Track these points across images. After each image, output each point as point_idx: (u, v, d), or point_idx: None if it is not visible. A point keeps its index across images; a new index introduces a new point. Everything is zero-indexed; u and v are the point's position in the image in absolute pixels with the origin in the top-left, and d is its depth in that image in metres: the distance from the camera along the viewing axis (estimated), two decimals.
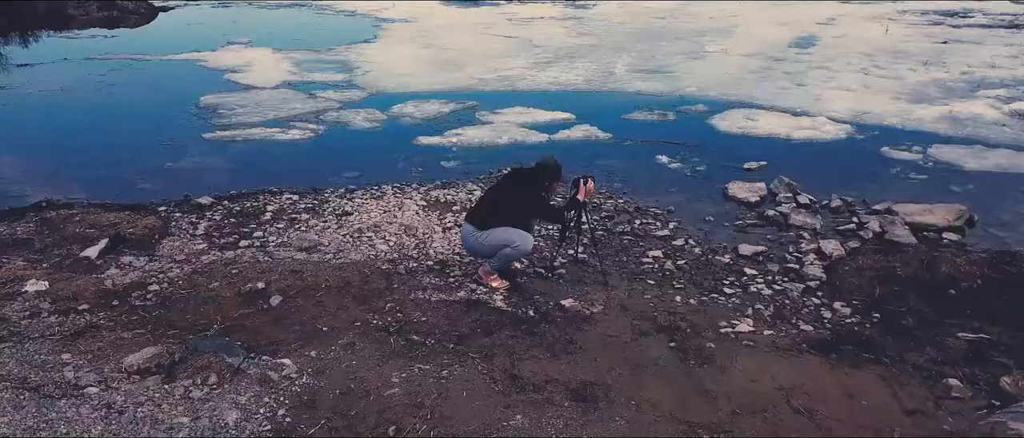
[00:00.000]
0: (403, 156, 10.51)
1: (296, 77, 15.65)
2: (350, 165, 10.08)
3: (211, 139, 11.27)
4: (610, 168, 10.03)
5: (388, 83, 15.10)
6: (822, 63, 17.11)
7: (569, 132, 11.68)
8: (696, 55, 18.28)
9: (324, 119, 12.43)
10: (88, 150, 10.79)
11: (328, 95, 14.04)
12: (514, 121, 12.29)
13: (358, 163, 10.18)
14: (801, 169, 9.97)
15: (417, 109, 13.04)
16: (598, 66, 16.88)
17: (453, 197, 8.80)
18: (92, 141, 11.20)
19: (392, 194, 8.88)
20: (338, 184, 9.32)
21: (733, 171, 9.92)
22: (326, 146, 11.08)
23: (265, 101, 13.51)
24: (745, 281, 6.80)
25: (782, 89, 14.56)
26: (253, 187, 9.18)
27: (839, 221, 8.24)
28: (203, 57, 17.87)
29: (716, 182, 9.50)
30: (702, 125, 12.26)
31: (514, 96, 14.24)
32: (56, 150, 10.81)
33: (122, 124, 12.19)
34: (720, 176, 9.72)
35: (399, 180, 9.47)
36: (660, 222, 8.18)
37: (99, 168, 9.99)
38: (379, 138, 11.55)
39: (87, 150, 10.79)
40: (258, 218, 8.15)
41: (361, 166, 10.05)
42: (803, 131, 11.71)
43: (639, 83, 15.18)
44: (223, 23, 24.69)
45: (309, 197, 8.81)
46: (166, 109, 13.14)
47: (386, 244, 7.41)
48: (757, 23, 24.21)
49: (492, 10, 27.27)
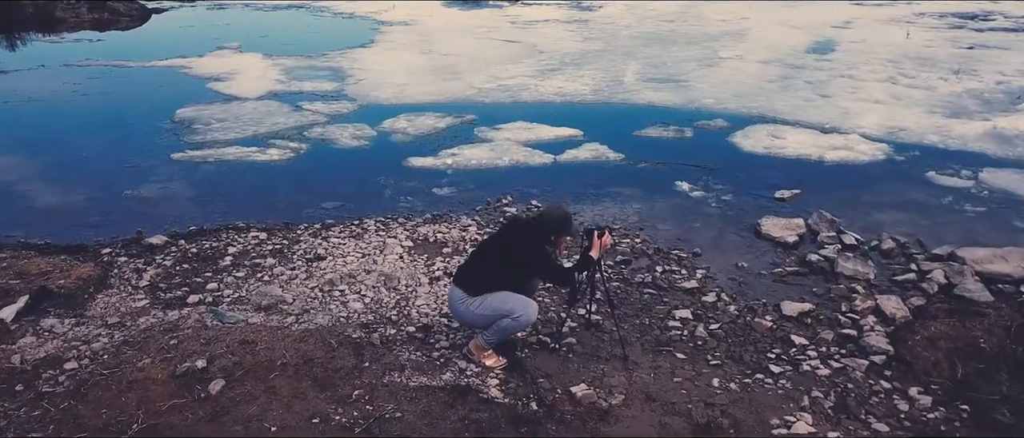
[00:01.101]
0: (391, 182, 9.20)
1: (283, 86, 14.34)
2: (330, 193, 8.77)
3: (180, 160, 9.97)
4: (624, 197, 8.70)
5: (381, 93, 13.78)
6: (845, 71, 15.73)
7: (576, 152, 10.35)
8: (709, 62, 16.92)
9: (308, 136, 11.11)
10: (38, 174, 9.49)
11: (315, 107, 12.73)
12: (516, 138, 10.97)
13: (340, 190, 8.87)
14: (840, 199, 8.64)
15: (410, 124, 11.72)
16: (606, 74, 15.53)
17: (444, 235, 7.48)
18: (45, 162, 9.89)
19: (374, 231, 7.56)
20: (314, 217, 8.01)
21: (763, 201, 8.59)
22: (306, 169, 9.77)
23: (246, 114, 12.20)
24: (795, 354, 5.48)
25: (806, 101, 13.20)
26: (217, 222, 7.89)
27: (894, 268, 6.90)
28: (188, 63, 16.57)
29: (746, 215, 8.16)
30: (723, 143, 10.91)
31: (516, 108, 12.91)
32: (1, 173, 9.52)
33: (85, 141, 10.89)
34: (749, 208, 8.39)
35: (384, 212, 8.16)
36: (685, 269, 6.84)
37: (46, 196, 8.69)
38: (366, 159, 10.23)
39: (37, 174, 9.48)
40: (216, 263, 6.84)
41: (343, 194, 8.74)
42: (836, 152, 10.36)
43: (651, 93, 13.83)
44: (216, 26, 23.38)
45: (279, 235, 7.50)
46: (137, 123, 11.84)
47: (361, 302, 6.10)
48: (769, 26, 22.82)
49: (494, 12, 25.91)
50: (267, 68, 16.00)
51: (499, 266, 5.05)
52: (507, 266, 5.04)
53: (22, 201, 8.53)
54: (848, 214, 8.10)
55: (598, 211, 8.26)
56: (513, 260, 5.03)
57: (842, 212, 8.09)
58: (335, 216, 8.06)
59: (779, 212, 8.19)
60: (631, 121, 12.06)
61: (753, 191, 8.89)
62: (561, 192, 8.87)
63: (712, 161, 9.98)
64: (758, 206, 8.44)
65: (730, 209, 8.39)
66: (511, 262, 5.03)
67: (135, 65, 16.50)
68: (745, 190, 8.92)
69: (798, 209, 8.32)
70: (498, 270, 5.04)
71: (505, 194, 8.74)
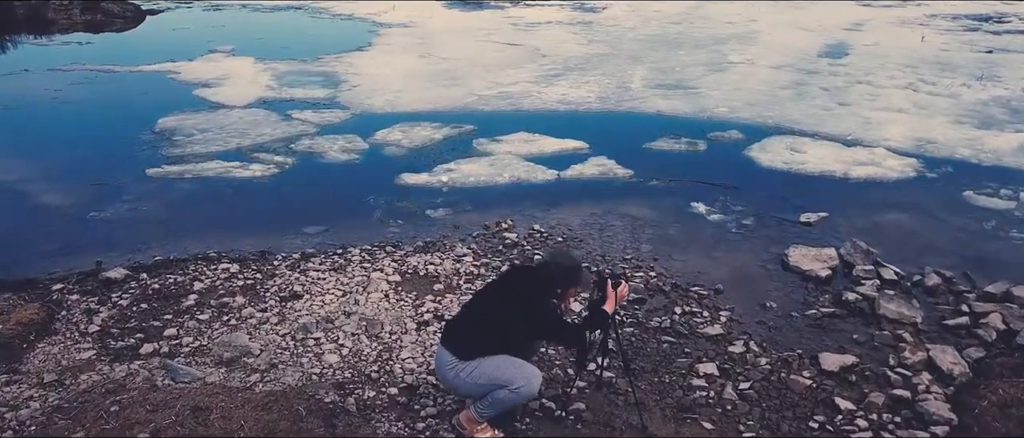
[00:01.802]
0: (381, 202, 8.35)
1: (273, 93, 13.48)
2: (314, 216, 7.92)
3: (155, 177, 9.13)
4: (634, 221, 7.84)
5: (375, 101, 12.92)
6: (862, 77, 14.83)
7: (582, 167, 9.49)
8: (719, 66, 16.03)
9: (295, 149, 10.26)
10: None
11: (305, 116, 11.87)
12: (517, 152, 10.11)
13: (324, 213, 8.02)
14: (871, 223, 7.79)
15: (404, 135, 10.86)
16: (612, 80, 14.66)
17: (436, 267, 6.63)
18: (7, 179, 9.05)
19: (359, 263, 6.72)
20: (293, 246, 7.17)
21: (788, 226, 7.73)
22: (289, 188, 8.92)
23: (232, 124, 11.36)
24: (841, 423, 4.62)
25: (824, 110, 12.32)
26: (186, 251, 7.04)
27: (943, 310, 6.04)
28: (177, 68, 15.72)
29: (770, 243, 7.30)
30: (739, 158, 10.04)
31: (518, 117, 12.04)
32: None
33: (56, 155, 10.07)
34: (773, 233, 7.53)
35: (372, 239, 7.32)
36: (708, 311, 5.99)
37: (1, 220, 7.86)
38: (355, 176, 9.37)
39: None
40: (178, 303, 6.00)
41: (327, 217, 7.90)
42: (862, 168, 9.49)
43: (659, 101, 12.96)
44: (211, 28, 22.52)
45: (252, 267, 6.66)
46: (115, 135, 11.01)
47: (338, 353, 5.26)
48: (778, 28, 21.89)
49: (496, 14, 25.00)
50: (258, 73, 15.15)
51: (495, 325, 4.20)
52: (505, 325, 4.19)
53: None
54: (883, 242, 7.24)
55: (607, 238, 7.41)
56: (512, 318, 4.18)
57: (876, 239, 7.24)
58: (317, 244, 7.22)
59: (806, 239, 7.33)
60: (639, 132, 11.19)
61: (776, 214, 8.03)
62: (566, 214, 8.02)
63: (729, 178, 9.12)
64: (782, 232, 7.58)
65: (752, 235, 7.53)
66: (509, 320, 4.18)
67: (122, 70, 15.65)
68: (767, 212, 8.06)
69: (827, 235, 7.47)
70: (494, 330, 4.19)
71: (505, 217, 7.89)
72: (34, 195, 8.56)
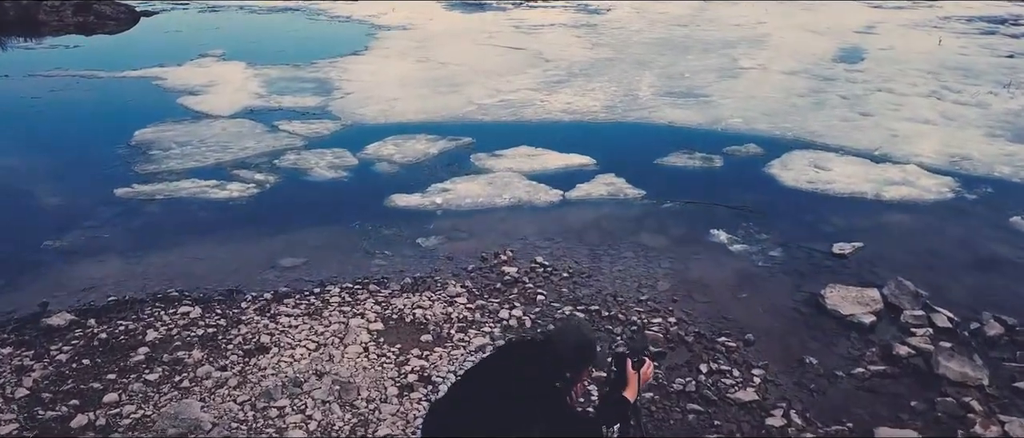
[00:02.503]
0: (368, 229, 7.47)
1: (261, 102, 12.61)
2: (293, 244, 7.06)
3: (123, 198, 8.27)
4: (649, 252, 6.96)
5: (368, 110, 12.04)
6: (881, 84, 13.92)
7: (589, 187, 8.60)
8: (731, 72, 15.12)
9: (278, 165, 9.39)
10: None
11: (293, 127, 10.99)
12: (519, 168, 9.23)
13: (304, 241, 7.16)
14: (913, 256, 6.91)
15: (397, 149, 9.98)
16: (619, 87, 13.76)
17: (425, 311, 5.75)
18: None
19: (337, 305, 5.84)
20: (266, 283, 6.29)
21: (819, 257, 6.84)
22: (269, 211, 8.04)
23: (213, 137, 10.48)
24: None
25: (846, 121, 11.41)
26: (144, 289, 6.17)
27: (1010, 367, 5.15)
28: (164, 73, 14.84)
29: (802, 279, 6.42)
30: (759, 176, 9.15)
31: (520, 128, 11.16)
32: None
33: (19, 173, 9.20)
34: (805, 268, 6.65)
35: (355, 273, 6.45)
36: (738, 368, 5.10)
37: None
38: (341, 197, 8.50)
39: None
40: (126, 358, 5.13)
41: (307, 246, 7.03)
42: (894, 188, 8.59)
43: (670, 111, 12.06)
44: (204, 31, 21.65)
45: (217, 310, 5.79)
46: (87, 148, 10.16)
47: (303, 428, 4.38)
48: (788, 31, 20.97)
49: (498, 16, 24.07)
50: (247, 79, 14.27)
51: (489, 417, 3.31)
52: (501, 417, 3.30)
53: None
54: (929, 279, 6.35)
55: (618, 273, 6.52)
56: (511, 409, 3.29)
57: (921, 276, 6.34)
58: (292, 281, 6.34)
59: (842, 274, 6.44)
60: (650, 146, 10.30)
61: (805, 243, 7.14)
62: (571, 243, 7.14)
63: (750, 200, 8.24)
64: (814, 265, 6.70)
65: (781, 269, 6.64)
66: (507, 412, 3.29)
67: (106, 75, 14.78)
68: (795, 241, 7.18)
69: (864, 270, 6.58)
70: (488, 423, 3.30)
71: (504, 246, 7.01)
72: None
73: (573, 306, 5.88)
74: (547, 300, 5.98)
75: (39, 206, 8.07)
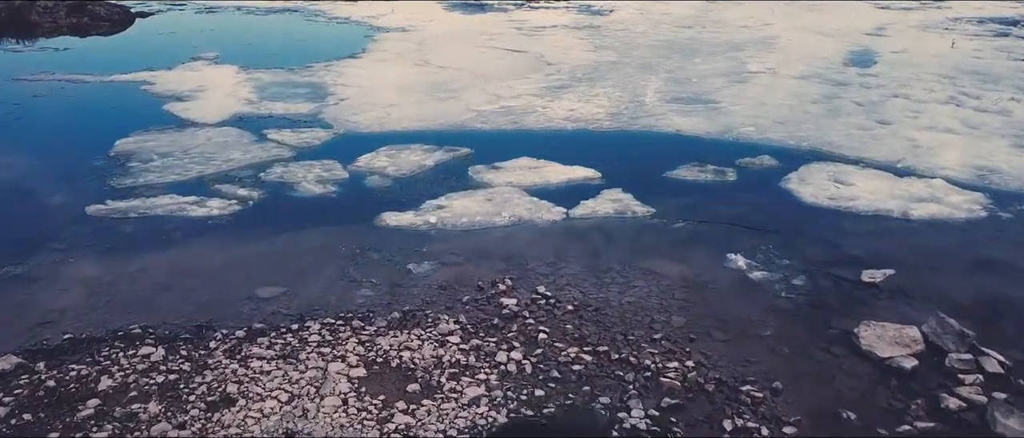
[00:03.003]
0: (355, 252, 6.82)
1: (251, 108, 11.95)
2: (272, 270, 6.42)
3: (94, 216, 7.63)
4: (661, 281, 6.30)
5: (362, 118, 11.38)
6: (897, 89, 13.24)
7: (594, 204, 7.95)
8: (739, 76, 14.44)
9: (264, 179, 8.75)
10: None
11: (282, 136, 10.34)
12: (519, 182, 8.58)
13: (285, 267, 6.51)
14: (950, 284, 6.26)
15: (391, 161, 9.33)
16: (624, 92, 13.10)
17: (413, 354, 5.11)
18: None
19: (316, 345, 5.20)
20: (239, 317, 5.65)
21: (848, 287, 6.19)
22: (249, 231, 7.39)
23: (197, 147, 9.83)
24: None
25: (863, 130, 10.74)
26: (104, 325, 5.54)
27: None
28: (153, 78, 14.18)
29: (832, 314, 5.76)
30: (776, 192, 8.49)
31: (520, 137, 10.52)
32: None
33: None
34: (833, 299, 5.99)
35: (338, 306, 5.81)
36: (767, 426, 4.45)
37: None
38: (328, 215, 7.84)
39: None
40: (74, 411, 4.50)
41: (288, 273, 6.39)
42: (922, 205, 7.93)
43: (677, 118, 11.39)
44: (199, 32, 21.00)
45: (182, 351, 5.14)
46: (64, 160, 9.51)
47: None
48: (796, 33, 20.29)
49: (499, 17, 23.39)
50: (239, 84, 13.62)
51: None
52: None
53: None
54: (973, 314, 5.70)
55: (629, 306, 5.86)
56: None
57: (964, 310, 5.71)
58: (269, 314, 5.70)
59: (875, 308, 5.79)
60: (658, 157, 9.65)
61: (831, 270, 6.49)
62: (576, 269, 6.49)
63: (767, 219, 7.59)
64: (843, 296, 6.04)
65: (807, 301, 5.98)
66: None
67: (93, 80, 14.14)
68: (820, 267, 6.52)
69: (899, 301, 5.93)
70: None
71: (503, 274, 6.37)
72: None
73: (578, 347, 5.23)
74: (550, 339, 5.33)
75: (2, 226, 7.43)
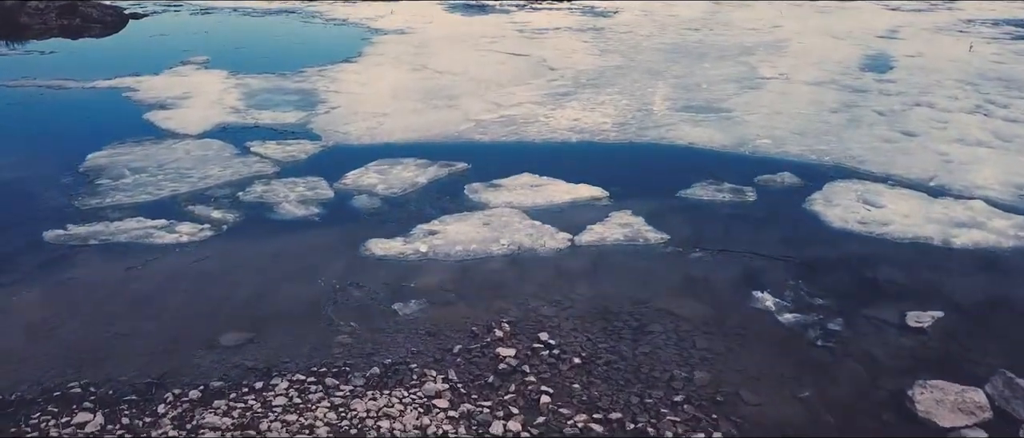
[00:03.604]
0: (336, 288, 6.03)
1: (237, 117, 11.16)
2: (240, 312, 5.63)
3: (52, 243, 6.84)
4: (681, 324, 5.48)
5: (354, 128, 10.58)
6: (919, 97, 12.41)
7: (602, 229, 7.14)
8: (751, 82, 13.62)
9: (242, 198, 7.95)
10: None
11: (266, 149, 9.55)
12: (519, 203, 7.78)
13: (254, 307, 5.72)
14: (1011, 333, 5.43)
15: (381, 179, 8.53)
16: (631, 100, 12.28)
17: (393, 422, 4.30)
18: None
19: (281, 409, 4.40)
20: (196, 373, 4.85)
21: (892, 333, 5.38)
22: (219, 262, 6.59)
23: (174, 162, 9.05)
24: None
25: (888, 143, 9.91)
26: (38, 382, 4.74)
27: None
28: (137, 83, 13.40)
29: (877, 368, 4.95)
30: (800, 214, 7.67)
31: (521, 150, 9.73)
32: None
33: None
34: (877, 348, 5.18)
35: (311, 357, 5.01)
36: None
37: None
38: (308, 242, 7.04)
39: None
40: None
41: (257, 315, 5.60)
42: (963, 232, 7.11)
43: (689, 129, 10.57)
44: (192, 34, 20.21)
45: (123, 418, 4.36)
46: (29, 177, 8.72)
47: None
48: (807, 36, 19.44)
49: (500, 19, 22.55)
50: (226, 91, 12.82)
51: None
52: None
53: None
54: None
55: (644, 358, 5.05)
56: None
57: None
58: (230, 368, 4.90)
59: (927, 361, 4.98)
60: (669, 173, 8.85)
61: (870, 311, 5.67)
62: (584, 310, 5.69)
63: (794, 248, 6.78)
64: (888, 344, 5.23)
65: (848, 352, 5.17)
66: None
67: (75, 86, 13.36)
68: (857, 308, 5.71)
69: (953, 350, 5.12)
70: None
71: (500, 317, 5.56)
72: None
73: (587, 414, 4.43)
74: (554, 404, 4.53)
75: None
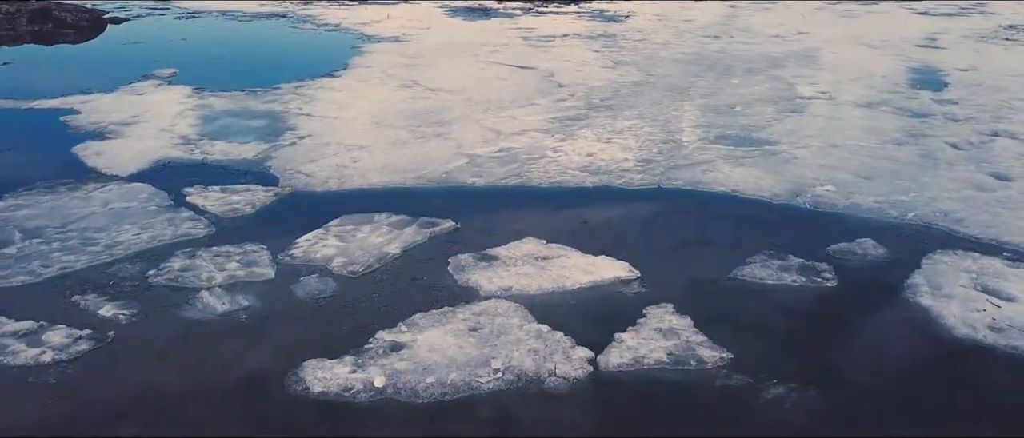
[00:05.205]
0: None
1: (184, 151, 8.98)
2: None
3: None
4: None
5: (320, 168, 8.40)
6: (992, 124, 10.14)
7: (636, 340, 4.94)
8: (791, 104, 11.36)
9: (152, 281, 5.78)
10: None
11: (206, 199, 7.37)
12: (520, 290, 5.60)
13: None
14: None
15: (341, 248, 6.34)
16: (653, 126, 10.05)
17: None
18: None
19: None
20: None
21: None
22: (84, 403, 4.41)
23: (85, 219, 6.88)
24: None
25: (985, 193, 7.67)
26: None
27: None
28: (83, 104, 11.22)
29: None
30: (906, 314, 5.43)
31: (524, 198, 7.56)
32: None
33: None
34: None
35: None
36: None
37: None
38: (222, 365, 4.84)
39: None
40: None
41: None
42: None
43: (729, 170, 8.33)
44: (169, 42, 18.04)
45: None
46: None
47: None
48: (838, 45, 17.12)
49: (504, 25, 20.25)
50: (182, 114, 10.63)
51: None
52: None
53: None
54: None
55: None
56: None
57: None
58: None
59: None
60: (715, 237, 6.66)
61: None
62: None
63: (913, 377, 4.57)
64: None
65: None
66: None
67: (10, 105, 11.22)
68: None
69: None
70: None
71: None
72: None
73: None
74: None
75: None
